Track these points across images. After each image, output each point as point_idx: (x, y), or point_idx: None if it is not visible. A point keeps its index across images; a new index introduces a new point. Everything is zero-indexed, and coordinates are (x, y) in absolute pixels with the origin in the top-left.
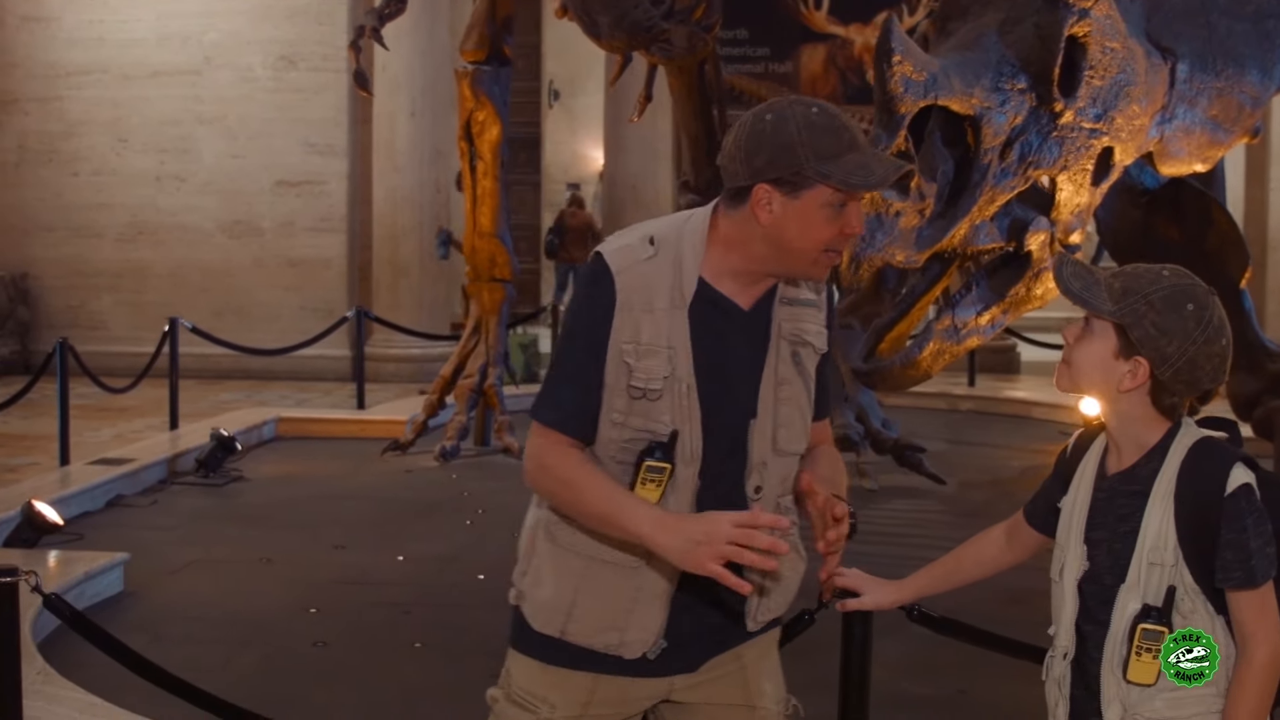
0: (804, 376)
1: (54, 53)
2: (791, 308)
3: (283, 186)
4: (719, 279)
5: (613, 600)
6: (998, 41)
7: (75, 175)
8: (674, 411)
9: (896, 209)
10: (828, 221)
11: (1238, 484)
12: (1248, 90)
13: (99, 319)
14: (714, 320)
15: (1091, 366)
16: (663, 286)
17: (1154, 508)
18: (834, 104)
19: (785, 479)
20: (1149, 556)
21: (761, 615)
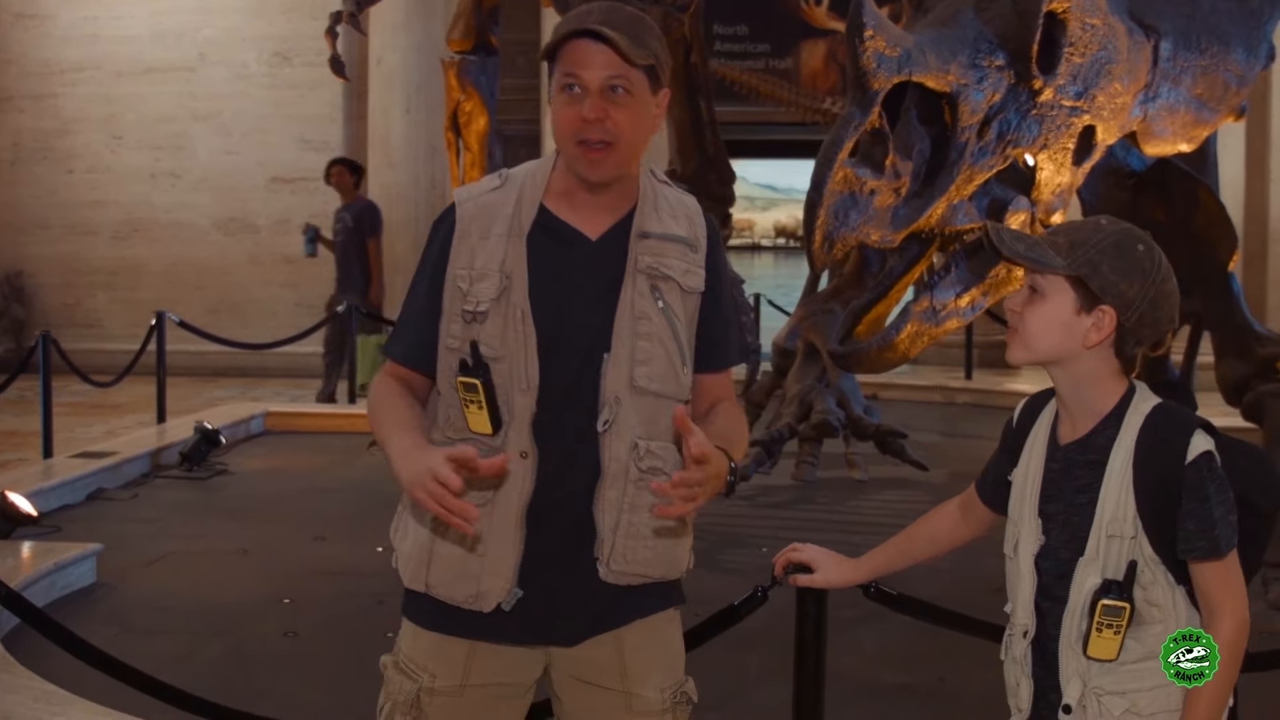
0: (669, 315)
1: (48, 50)
2: (650, 241)
3: (278, 183)
4: (564, 209)
5: (466, 543)
6: (974, 18)
7: (70, 173)
8: (505, 336)
9: (871, 187)
10: (565, 105)
11: (1198, 451)
12: (1232, 68)
13: (94, 316)
14: (555, 249)
15: (1049, 328)
16: (502, 215)
17: (1112, 477)
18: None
19: (650, 422)
20: (1108, 529)
21: (616, 564)
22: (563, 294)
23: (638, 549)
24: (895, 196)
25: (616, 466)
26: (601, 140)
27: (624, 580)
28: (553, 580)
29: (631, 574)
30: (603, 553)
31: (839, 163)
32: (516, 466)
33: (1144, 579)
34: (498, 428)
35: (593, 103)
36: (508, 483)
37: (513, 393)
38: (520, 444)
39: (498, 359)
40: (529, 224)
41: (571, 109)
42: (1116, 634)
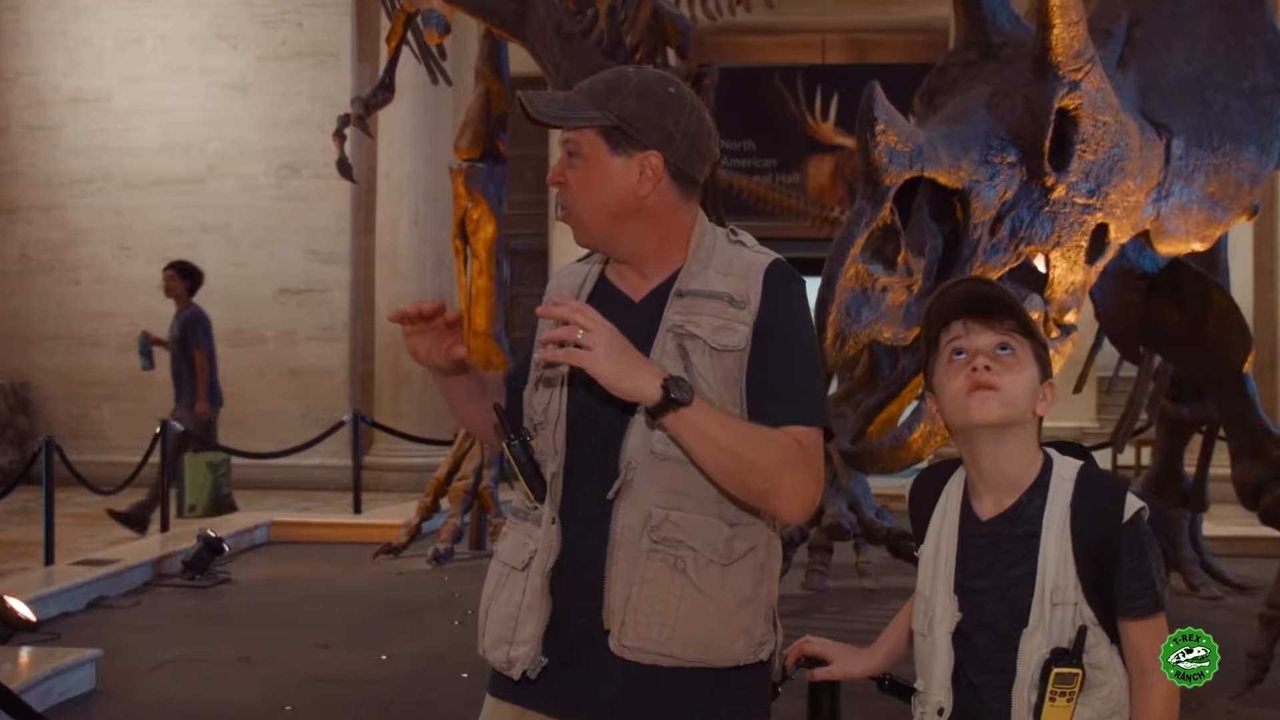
0: (693, 376)
1: (58, 161)
2: (687, 299)
3: (285, 294)
4: (617, 275)
5: (507, 609)
6: (986, 115)
7: (77, 284)
8: (549, 403)
9: (883, 284)
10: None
11: (1133, 510)
12: (1245, 167)
13: (99, 428)
14: (605, 313)
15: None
16: (573, 285)
17: (1049, 546)
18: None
19: (671, 490)
20: (1051, 597)
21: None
22: None
23: (652, 625)
24: (908, 294)
25: (628, 535)
26: (561, 205)
27: (645, 659)
28: (575, 652)
29: (652, 652)
30: (614, 625)
31: (851, 258)
32: (546, 532)
33: (1088, 642)
34: (539, 496)
35: (554, 168)
36: (541, 546)
37: (546, 460)
38: (551, 510)
39: (540, 424)
40: (587, 292)
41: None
42: (1069, 701)
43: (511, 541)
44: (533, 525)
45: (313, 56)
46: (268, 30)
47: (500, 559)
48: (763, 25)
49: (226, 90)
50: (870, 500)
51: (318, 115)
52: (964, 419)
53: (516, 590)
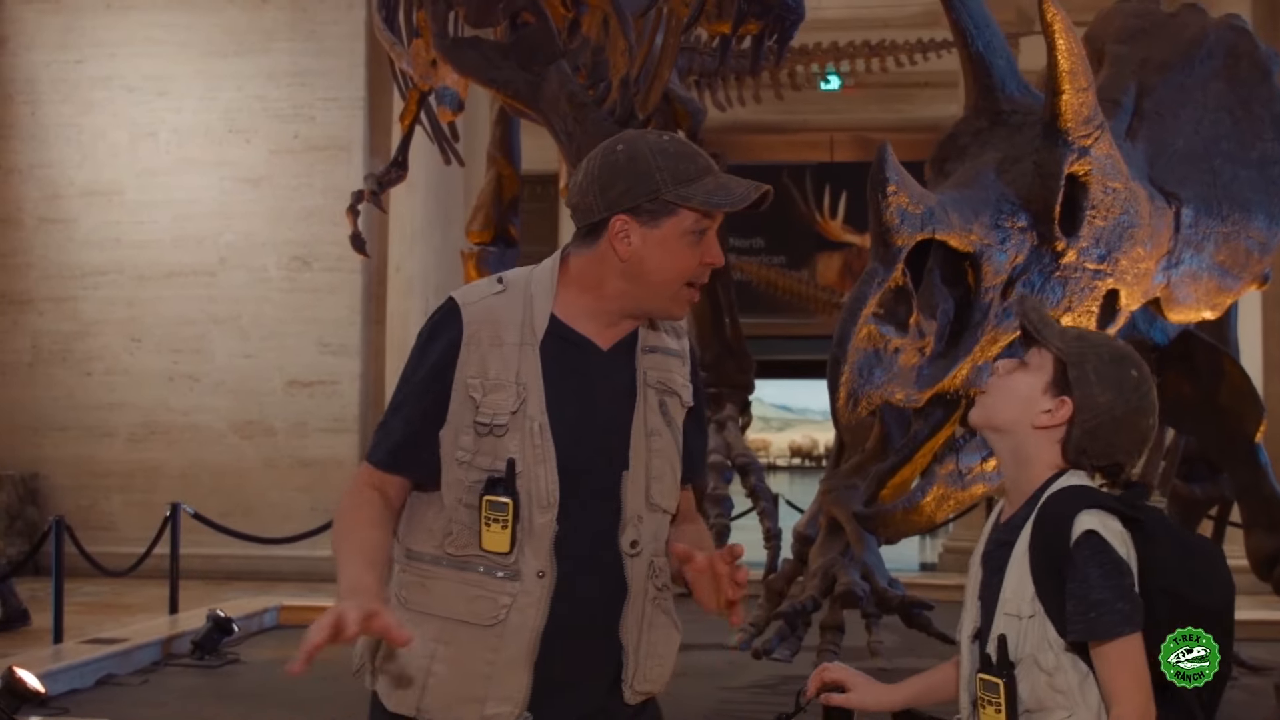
0: (673, 429)
1: (70, 254)
2: (655, 356)
3: (295, 386)
4: (573, 318)
5: (470, 666)
6: (996, 179)
7: (88, 375)
8: (524, 451)
9: (895, 345)
10: (689, 249)
11: (1081, 530)
12: (1255, 235)
13: (109, 519)
14: (570, 358)
15: (1014, 395)
16: (512, 322)
17: (1016, 556)
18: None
19: (658, 536)
20: (1004, 607)
21: (639, 684)
22: (578, 406)
23: (654, 667)
24: (920, 356)
25: (638, 587)
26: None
27: (637, 700)
28: (565, 703)
29: (644, 691)
30: (628, 674)
31: (863, 318)
32: (532, 586)
33: (1045, 663)
34: (513, 545)
35: (717, 244)
36: (523, 601)
37: (531, 510)
38: (539, 563)
39: (517, 475)
40: (541, 332)
41: (695, 254)
42: (999, 712)
43: (450, 593)
44: (494, 579)
45: (325, 150)
46: (281, 124)
47: (433, 612)
48: (772, 123)
49: (239, 183)
50: (883, 570)
51: (329, 208)
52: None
53: (482, 647)
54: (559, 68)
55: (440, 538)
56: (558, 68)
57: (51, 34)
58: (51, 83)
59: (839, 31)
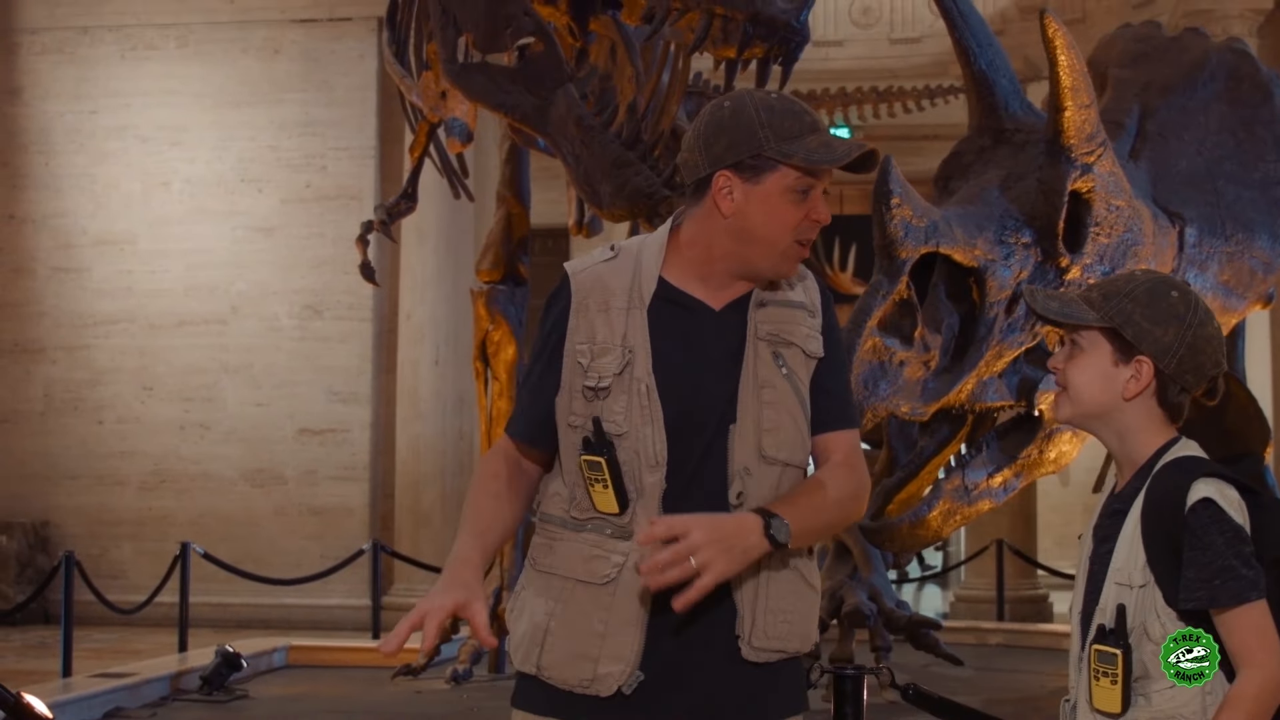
0: (792, 381)
1: (83, 303)
2: (770, 309)
3: (306, 434)
4: (685, 281)
5: (585, 624)
6: (1000, 196)
7: (100, 423)
8: (630, 411)
9: (900, 359)
10: (792, 206)
11: (1198, 497)
12: (1259, 255)
13: (119, 568)
14: (679, 320)
15: (1091, 382)
16: (620, 287)
17: (1128, 526)
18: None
19: (778, 489)
20: (1115, 576)
21: (758, 641)
22: (687, 366)
23: (776, 623)
24: (924, 369)
25: None
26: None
27: (764, 658)
28: (679, 661)
29: (771, 650)
30: (744, 629)
31: (868, 330)
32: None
33: (1154, 633)
34: (624, 506)
35: (824, 203)
36: (634, 561)
37: (640, 470)
38: (650, 516)
39: (623, 435)
40: (649, 295)
41: (800, 209)
42: (1114, 684)
43: (571, 554)
44: (606, 538)
45: (336, 200)
46: (293, 174)
47: (556, 572)
48: None
49: (251, 233)
50: (891, 592)
51: (340, 257)
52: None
53: (596, 605)
54: (566, 92)
55: (566, 502)
56: (565, 92)
57: (66, 84)
58: (66, 133)
59: (848, 82)
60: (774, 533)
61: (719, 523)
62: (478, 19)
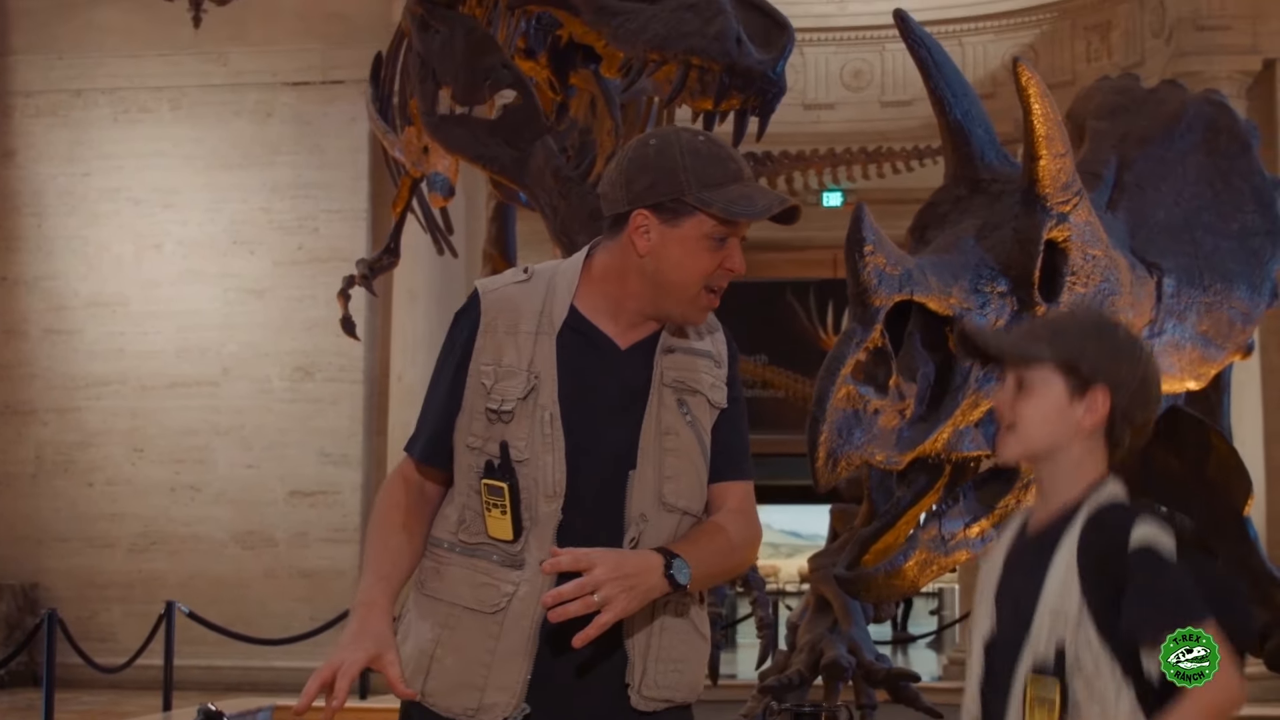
0: (696, 429)
1: (75, 365)
2: (678, 355)
3: (296, 496)
4: (595, 314)
5: (472, 652)
6: (976, 245)
7: (90, 485)
8: (533, 438)
9: (875, 407)
10: (708, 253)
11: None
12: (1238, 306)
13: (109, 630)
14: (584, 353)
15: (1045, 419)
16: (530, 310)
17: (1060, 558)
18: None
19: (674, 537)
20: (1050, 605)
21: (648, 690)
22: (589, 400)
23: (667, 673)
24: (900, 418)
25: None
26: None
27: (651, 707)
28: (566, 699)
29: (660, 699)
30: (634, 678)
31: (841, 378)
32: (535, 575)
33: (1087, 668)
34: (518, 534)
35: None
36: (525, 590)
37: (537, 498)
38: (542, 552)
39: (523, 462)
40: (560, 323)
41: (714, 258)
42: (1050, 712)
43: (459, 580)
44: (496, 565)
45: (328, 262)
46: (285, 236)
47: (443, 597)
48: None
49: (242, 294)
50: (870, 645)
51: (332, 319)
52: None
53: (484, 634)
54: (544, 143)
55: (455, 525)
56: (543, 143)
57: (59, 147)
58: (58, 195)
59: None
60: (674, 573)
61: (623, 560)
62: (457, 71)
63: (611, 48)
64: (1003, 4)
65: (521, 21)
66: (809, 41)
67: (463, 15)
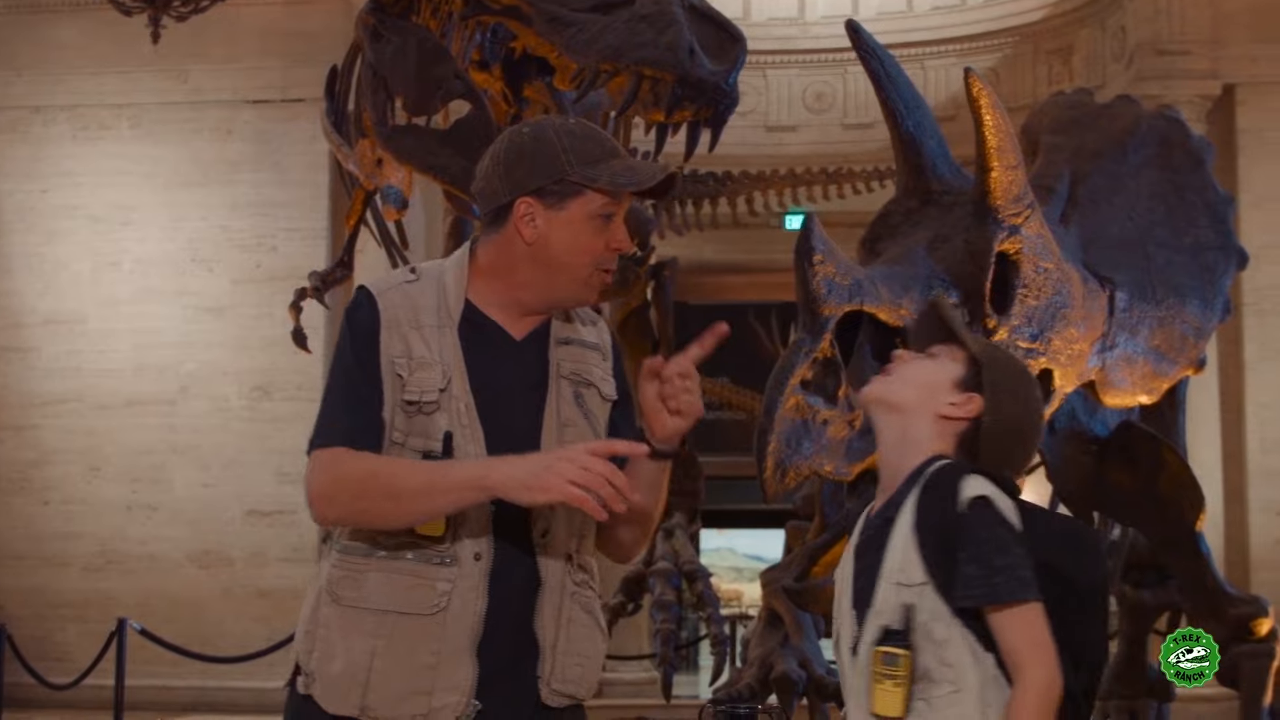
0: (591, 421)
1: (31, 382)
2: (570, 348)
3: (254, 516)
4: (486, 307)
5: (414, 658)
6: (927, 257)
7: (46, 504)
8: (454, 429)
9: (824, 417)
10: (595, 233)
11: (973, 494)
12: (1190, 321)
13: (64, 650)
14: (483, 344)
15: (919, 382)
16: (429, 306)
17: (899, 528)
18: None
19: (580, 533)
20: (891, 577)
21: (557, 684)
22: (495, 390)
23: (573, 667)
24: (849, 429)
25: (554, 580)
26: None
27: (557, 701)
28: (507, 692)
29: (566, 694)
30: (544, 670)
31: (790, 388)
32: (470, 569)
33: (937, 635)
34: (448, 528)
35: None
36: (463, 586)
37: None
38: (475, 545)
39: (438, 455)
40: (458, 316)
41: (602, 237)
42: (898, 686)
43: (386, 585)
44: (429, 566)
45: (287, 280)
46: (243, 254)
47: (370, 605)
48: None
49: (201, 313)
50: (821, 659)
51: (289, 338)
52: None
53: (425, 636)
54: None
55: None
56: None
57: (18, 164)
58: (16, 211)
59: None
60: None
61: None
62: (408, 81)
63: (564, 58)
64: (965, 28)
65: (476, 33)
66: (771, 64)
67: (415, 25)
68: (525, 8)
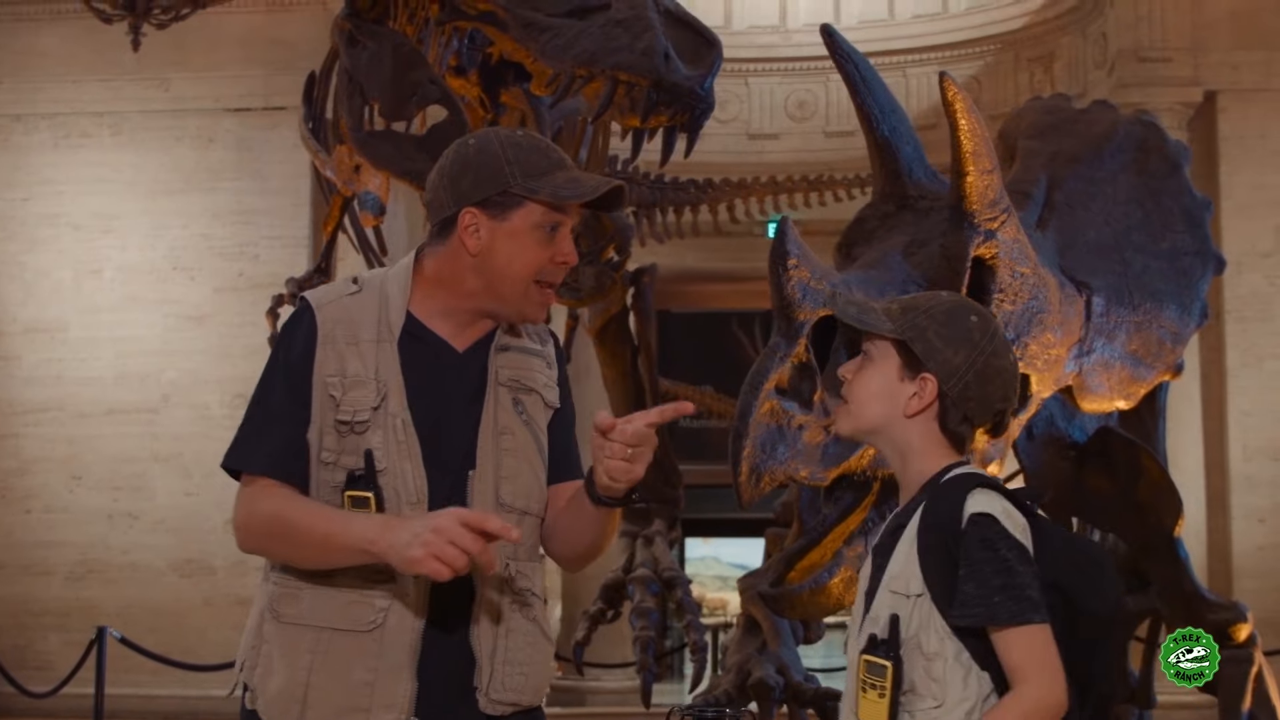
0: (532, 429)
1: (13, 391)
2: (511, 354)
3: None
4: (429, 318)
5: (350, 675)
6: (903, 262)
7: (27, 513)
8: (389, 446)
9: (799, 422)
10: (539, 244)
11: (973, 512)
12: (1167, 325)
13: (45, 659)
14: (424, 357)
15: (872, 394)
16: (368, 320)
17: (906, 535)
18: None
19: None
20: (890, 584)
21: (496, 693)
22: (434, 404)
23: (513, 675)
24: (825, 433)
25: (490, 591)
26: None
27: (499, 710)
28: (450, 706)
29: (507, 703)
30: (482, 681)
31: (765, 393)
32: (408, 586)
33: (927, 648)
34: None
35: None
36: (401, 603)
37: (400, 506)
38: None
39: (382, 471)
40: (398, 329)
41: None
42: (881, 696)
43: (324, 601)
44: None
45: (269, 288)
46: (225, 262)
47: (308, 622)
48: (721, 272)
49: (182, 321)
50: (799, 666)
51: (268, 345)
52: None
53: (361, 654)
54: None
55: None
56: None
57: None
58: None
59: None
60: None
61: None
62: (384, 87)
63: (540, 64)
64: (946, 36)
65: (454, 39)
66: (753, 72)
67: (390, 31)
68: (501, 13)
